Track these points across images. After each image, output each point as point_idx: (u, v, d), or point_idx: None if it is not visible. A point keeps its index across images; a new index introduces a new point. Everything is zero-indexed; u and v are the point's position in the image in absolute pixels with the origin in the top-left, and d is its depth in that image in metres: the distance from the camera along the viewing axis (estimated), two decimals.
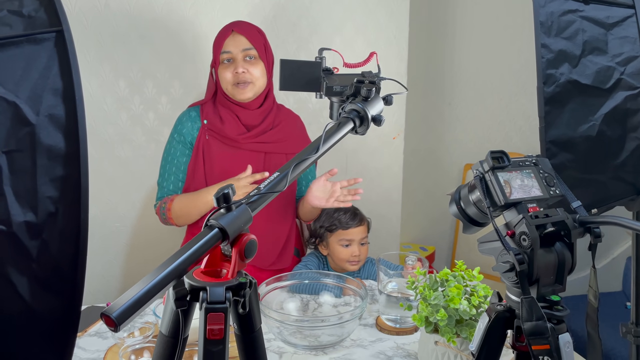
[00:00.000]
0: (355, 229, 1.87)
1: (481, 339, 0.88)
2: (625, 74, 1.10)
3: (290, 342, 1.43)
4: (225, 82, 1.79)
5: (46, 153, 0.68)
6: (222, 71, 1.78)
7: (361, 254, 1.87)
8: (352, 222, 1.88)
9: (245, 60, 1.77)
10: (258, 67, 1.78)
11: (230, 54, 1.77)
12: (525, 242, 0.82)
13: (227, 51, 1.77)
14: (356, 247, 1.86)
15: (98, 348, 1.43)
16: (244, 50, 1.76)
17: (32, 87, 0.68)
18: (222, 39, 1.78)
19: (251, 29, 1.80)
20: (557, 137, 1.03)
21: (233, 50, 1.76)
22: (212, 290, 0.73)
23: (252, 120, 1.84)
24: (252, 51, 1.77)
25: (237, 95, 1.79)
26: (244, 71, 1.75)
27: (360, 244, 1.88)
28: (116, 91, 2.15)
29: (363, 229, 1.89)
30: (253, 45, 1.77)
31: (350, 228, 1.87)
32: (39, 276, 0.69)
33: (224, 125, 1.82)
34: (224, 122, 1.82)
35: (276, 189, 0.84)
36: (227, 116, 1.83)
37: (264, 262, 1.88)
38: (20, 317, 0.69)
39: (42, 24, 0.72)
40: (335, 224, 1.88)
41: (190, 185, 1.85)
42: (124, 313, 0.63)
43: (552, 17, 1.02)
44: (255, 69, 1.77)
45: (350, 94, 1.04)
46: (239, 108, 1.83)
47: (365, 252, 1.90)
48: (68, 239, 0.69)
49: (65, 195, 0.68)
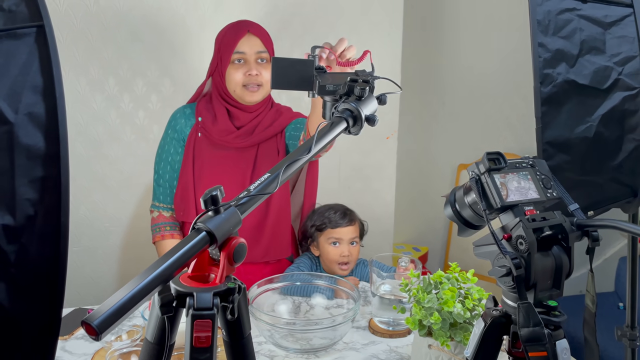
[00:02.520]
0: (344, 228, 1.86)
1: (476, 344, 0.86)
2: (623, 74, 1.08)
3: (281, 345, 1.41)
4: (233, 83, 1.74)
5: (25, 153, 0.65)
6: (233, 71, 1.73)
7: (351, 255, 1.85)
8: (341, 220, 1.87)
9: (258, 62, 1.74)
10: (268, 70, 1.74)
11: (244, 55, 1.72)
12: (522, 246, 0.80)
13: (241, 52, 1.72)
14: (345, 246, 1.84)
15: (85, 352, 1.40)
16: (257, 52, 1.73)
17: (10, 84, 0.66)
18: (236, 38, 1.72)
19: (264, 32, 1.77)
20: (554, 138, 1.01)
21: (247, 51, 1.72)
22: (199, 296, 0.71)
23: (244, 121, 1.81)
24: (265, 54, 1.74)
25: (246, 98, 1.75)
26: (257, 74, 1.72)
27: (349, 243, 1.85)
28: (105, 89, 2.11)
29: (353, 229, 1.87)
30: (266, 48, 1.74)
31: (339, 227, 1.85)
32: (18, 281, 0.66)
33: (215, 125, 1.79)
34: (216, 121, 1.79)
35: (267, 191, 0.81)
36: (221, 114, 1.79)
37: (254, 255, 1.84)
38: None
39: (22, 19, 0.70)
40: (325, 223, 1.87)
41: (179, 182, 1.82)
42: (106, 321, 0.60)
43: (550, 16, 1.00)
44: (267, 72, 1.74)
45: (343, 93, 1.01)
46: (234, 108, 1.79)
47: (356, 253, 1.88)
48: (48, 243, 0.66)
49: (44, 197, 0.65)
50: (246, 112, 1.80)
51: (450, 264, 1.40)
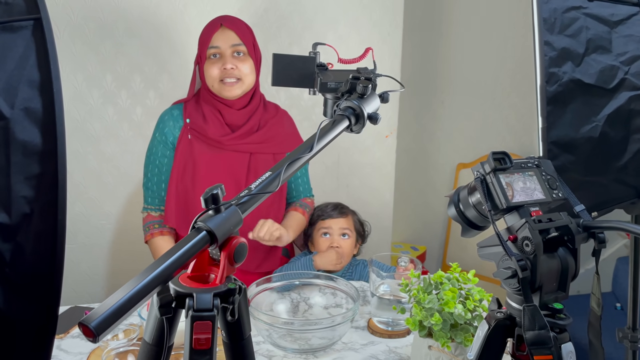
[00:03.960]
0: (334, 220, 1.87)
1: (480, 347, 0.84)
2: (630, 74, 1.07)
3: (279, 345, 1.39)
4: (211, 79, 1.71)
5: (21, 149, 0.63)
6: (209, 67, 1.70)
7: (342, 247, 1.84)
8: (332, 212, 1.89)
9: (234, 56, 1.70)
10: (247, 63, 1.72)
11: (218, 49, 1.70)
12: (528, 247, 0.79)
13: (215, 46, 1.69)
14: (336, 236, 1.85)
15: (81, 350, 1.39)
16: (232, 45, 1.70)
17: (6, 78, 0.64)
18: (209, 33, 1.70)
19: (240, 24, 1.74)
20: (559, 138, 1.00)
21: (221, 46, 1.69)
22: (199, 296, 0.69)
23: (236, 120, 1.78)
24: (242, 47, 1.71)
25: (224, 92, 1.71)
26: (232, 67, 1.68)
27: (340, 235, 1.85)
28: (103, 85, 2.09)
29: (344, 220, 1.88)
30: (242, 41, 1.71)
31: (329, 218, 1.87)
32: (13, 281, 0.65)
33: (207, 125, 1.76)
34: (207, 122, 1.76)
35: (268, 190, 0.79)
36: (211, 115, 1.76)
37: (250, 264, 1.83)
38: None
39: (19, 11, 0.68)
40: (317, 214, 1.91)
41: (178, 187, 1.79)
42: (104, 322, 0.58)
43: (556, 14, 0.98)
44: (244, 65, 1.71)
45: (345, 91, 1.00)
46: (223, 106, 1.76)
47: (348, 246, 1.85)
48: (44, 241, 0.64)
49: (41, 194, 0.63)
50: (234, 110, 1.77)
51: (449, 264, 1.38)
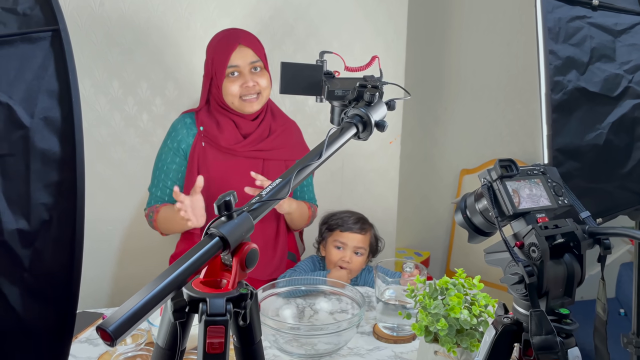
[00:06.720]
0: (352, 234, 1.83)
1: (487, 352, 0.85)
2: (634, 82, 1.08)
3: (286, 350, 1.40)
4: (231, 96, 1.75)
5: (40, 157, 0.64)
6: (229, 85, 1.74)
7: (352, 263, 1.82)
8: (353, 225, 1.84)
9: (252, 72, 1.75)
10: (264, 77, 1.77)
11: (237, 68, 1.74)
12: (535, 253, 0.80)
13: (235, 65, 1.73)
14: (349, 252, 1.82)
15: (89, 355, 1.40)
16: (251, 62, 1.74)
17: (26, 88, 0.65)
18: (227, 52, 1.73)
19: (254, 40, 1.79)
20: (564, 146, 1.01)
21: (240, 64, 1.73)
22: (212, 301, 0.70)
23: (249, 129, 1.82)
24: (259, 62, 1.76)
25: (245, 109, 1.77)
26: (254, 84, 1.74)
27: (354, 252, 1.83)
28: (110, 92, 2.11)
29: (361, 238, 1.84)
30: (259, 56, 1.76)
31: (348, 232, 1.83)
32: (32, 286, 0.66)
33: (221, 133, 1.79)
34: (221, 130, 1.79)
35: (278, 196, 0.81)
36: (225, 124, 1.80)
37: (259, 273, 1.85)
38: (11, 329, 0.66)
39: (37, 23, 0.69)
40: (337, 223, 1.86)
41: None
42: (121, 327, 0.60)
43: (560, 23, 1.00)
44: (262, 80, 1.76)
45: (352, 99, 1.01)
46: (237, 117, 1.81)
47: (358, 263, 1.84)
48: (62, 248, 0.66)
49: (59, 201, 0.65)
50: (247, 120, 1.82)
51: (453, 270, 1.39)
